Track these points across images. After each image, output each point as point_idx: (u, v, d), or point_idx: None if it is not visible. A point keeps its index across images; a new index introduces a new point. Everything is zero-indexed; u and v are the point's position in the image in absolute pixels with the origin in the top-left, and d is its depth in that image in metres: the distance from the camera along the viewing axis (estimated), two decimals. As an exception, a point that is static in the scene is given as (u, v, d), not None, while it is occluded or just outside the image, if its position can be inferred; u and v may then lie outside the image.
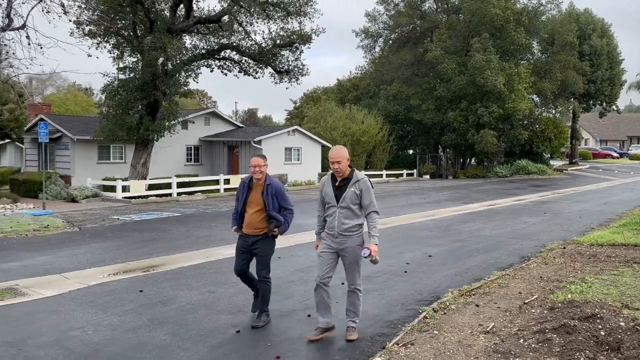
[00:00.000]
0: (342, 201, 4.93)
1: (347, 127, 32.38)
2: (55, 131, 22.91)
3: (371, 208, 4.96)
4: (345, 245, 4.96)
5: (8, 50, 12.91)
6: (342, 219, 4.93)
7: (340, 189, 4.98)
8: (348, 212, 4.93)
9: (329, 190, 5.05)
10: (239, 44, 22.38)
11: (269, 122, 71.89)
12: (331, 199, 5.00)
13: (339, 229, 4.93)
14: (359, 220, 4.99)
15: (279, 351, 4.76)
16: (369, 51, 44.31)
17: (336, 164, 4.95)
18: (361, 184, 4.96)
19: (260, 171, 5.50)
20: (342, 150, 5.00)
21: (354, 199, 4.92)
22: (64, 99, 48.39)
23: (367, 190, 4.96)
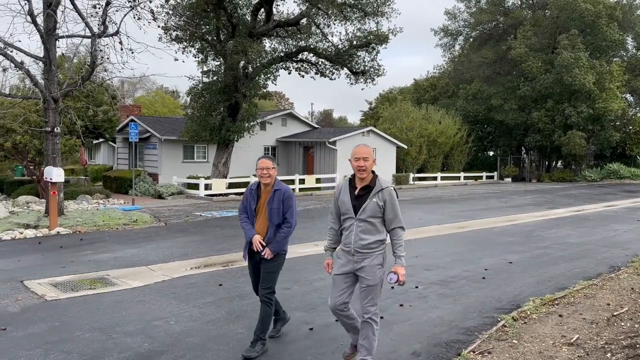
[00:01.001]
0: (362, 213, 4.12)
1: (424, 128, 31.80)
2: (145, 131, 24.36)
3: (396, 223, 4.16)
4: (362, 265, 4.17)
5: (103, 55, 13.86)
6: (360, 233, 4.13)
7: (360, 198, 4.17)
8: (368, 225, 4.12)
9: (346, 198, 4.22)
10: (316, 46, 22.64)
11: (344, 123, 72.16)
12: (348, 209, 4.19)
13: (356, 245, 4.15)
14: (381, 235, 4.18)
15: (351, 351, 4.76)
16: (447, 50, 43.34)
17: (362, 161, 4.11)
18: (385, 194, 4.13)
19: (268, 175, 4.78)
20: (369, 148, 4.25)
21: (376, 211, 4.11)
22: (153, 101, 51.33)
23: (392, 202, 4.14)
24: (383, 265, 4.21)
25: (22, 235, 11.41)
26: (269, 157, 4.88)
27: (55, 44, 13.54)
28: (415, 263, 8.66)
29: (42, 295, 6.66)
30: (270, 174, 4.78)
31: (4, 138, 16.44)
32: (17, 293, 6.78)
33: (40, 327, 5.46)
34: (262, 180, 4.82)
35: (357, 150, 4.21)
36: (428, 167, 32.93)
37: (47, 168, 13.05)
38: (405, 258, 4.16)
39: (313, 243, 10.56)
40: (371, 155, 4.19)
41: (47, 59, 13.41)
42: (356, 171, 4.19)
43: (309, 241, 10.81)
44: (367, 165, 4.13)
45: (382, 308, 6.08)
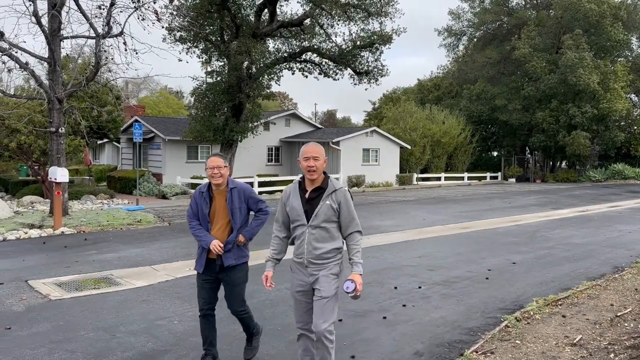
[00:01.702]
0: (314, 218, 3.68)
1: (427, 128, 31.77)
2: (149, 132, 24.43)
3: (353, 227, 3.75)
4: (317, 277, 3.71)
5: (107, 56, 13.92)
6: (314, 242, 3.69)
7: (312, 202, 3.72)
8: (322, 232, 3.69)
9: (296, 203, 3.75)
10: (319, 47, 22.65)
11: (347, 123, 72.17)
12: (299, 215, 3.73)
13: (310, 255, 3.70)
14: (336, 243, 3.76)
15: (354, 351, 4.78)
16: (451, 50, 43.30)
17: (312, 160, 3.68)
18: (339, 195, 3.72)
19: (220, 174, 4.28)
20: (319, 147, 3.79)
21: (330, 214, 3.69)
22: (157, 102, 51.45)
23: (348, 204, 3.74)
24: (339, 276, 3.78)
25: (27, 235, 11.47)
26: (220, 154, 4.40)
27: (59, 44, 13.60)
28: (418, 263, 8.66)
29: (47, 295, 6.70)
30: (222, 174, 4.30)
31: (9, 138, 16.53)
32: (22, 292, 6.82)
33: (45, 326, 5.49)
34: (212, 181, 4.31)
35: (307, 149, 3.76)
36: (432, 168, 32.88)
37: (52, 168, 13.11)
38: (362, 265, 3.70)
39: (316, 243, 10.56)
40: (322, 154, 3.76)
41: (51, 59, 13.47)
42: (305, 172, 3.75)
43: (312, 241, 10.80)
44: (317, 165, 3.70)
45: (385, 308, 6.10)
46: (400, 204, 19.36)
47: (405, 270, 8.16)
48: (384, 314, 5.90)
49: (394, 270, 8.16)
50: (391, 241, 10.88)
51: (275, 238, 3.94)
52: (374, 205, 18.57)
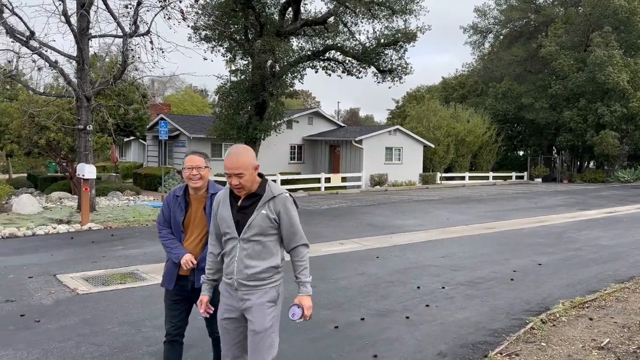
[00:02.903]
0: (247, 230, 2.99)
1: (452, 127, 31.45)
2: (174, 130, 24.75)
3: (298, 240, 3.08)
4: (248, 304, 3.00)
5: (134, 54, 14.14)
6: (246, 258, 2.98)
7: (245, 211, 3.04)
8: (256, 247, 3.00)
9: (226, 213, 3.08)
10: (343, 45, 22.62)
11: (370, 121, 71.91)
12: (229, 227, 3.04)
13: (240, 275, 2.98)
14: (274, 259, 3.05)
15: (376, 350, 4.77)
16: (477, 48, 42.76)
17: (234, 178, 2.98)
18: (278, 203, 3.03)
19: (199, 176, 3.57)
20: (244, 155, 3.01)
21: (267, 226, 3.00)
22: (182, 100, 52.09)
23: (289, 213, 3.05)
24: (277, 303, 3.07)
25: (55, 230, 11.74)
26: (200, 152, 3.70)
27: (88, 43, 13.87)
28: (441, 263, 8.59)
29: (74, 289, 6.85)
30: (202, 175, 3.58)
31: (39, 135, 16.93)
32: (51, 286, 6.99)
33: (72, 319, 5.61)
34: (190, 184, 3.59)
35: (227, 162, 3.02)
36: (456, 167, 32.54)
37: (80, 165, 13.39)
38: (311, 285, 3.07)
39: (338, 242, 10.57)
40: (248, 165, 2.99)
41: (80, 58, 13.74)
42: (232, 189, 3.08)
43: (334, 239, 10.82)
44: (242, 183, 2.99)
45: (408, 307, 6.07)
46: (424, 203, 19.21)
47: (429, 270, 8.10)
48: (406, 313, 5.86)
49: (416, 269, 8.11)
50: (414, 241, 10.81)
51: (210, 255, 3.21)
52: (397, 205, 18.47)
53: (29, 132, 16.87)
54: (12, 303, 6.17)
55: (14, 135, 17.36)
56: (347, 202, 19.50)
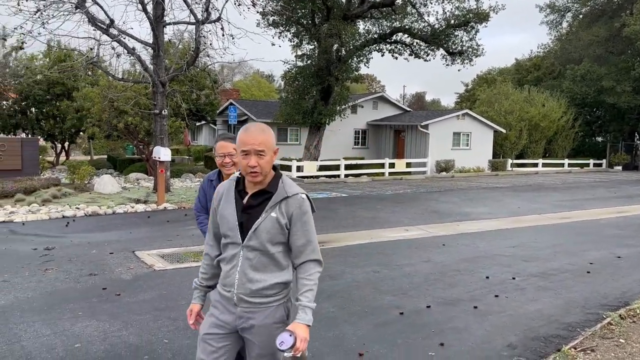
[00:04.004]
0: (253, 236, 2.42)
1: (525, 111, 30.12)
2: (242, 114, 25.36)
3: (309, 254, 2.48)
4: (251, 322, 2.46)
5: (206, 41, 14.56)
6: (250, 270, 2.44)
7: (251, 211, 2.46)
8: (262, 258, 2.44)
9: (228, 211, 2.50)
10: (411, 27, 22.16)
11: (437, 105, 70.24)
12: (231, 229, 2.47)
13: (242, 289, 2.44)
14: (283, 274, 2.50)
15: (443, 339, 4.71)
16: (554, 27, 40.51)
17: (253, 158, 2.38)
18: (292, 205, 2.46)
19: (232, 163, 3.44)
20: (267, 131, 2.44)
21: (277, 232, 2.43)
22: (249, 85, 53.17)
23: (303, 219, 2.47)
24: (287, 323, 2.50)
25: (134, 209, 12.42)
26: (231, 138, 3.48)
27: (162, 30, 14.42)
28: (512, 253, 8.32)
29: (151, 265, 7.24)
30: (235, 162, 3.41)
31: (118, 119, 17.86)
32: (130, 262, 7.42)
33: (150, 294, 5.95)
34: (224, 170, 3.48)
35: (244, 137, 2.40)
36: (528, 153, 31.22)
37: (156, 148, 14.03)
38: (313, 312, 2.42)
39: (403, 228, 10.48)
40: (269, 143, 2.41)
41: (155, 45, 14.32)
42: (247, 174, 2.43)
43: (399, 225, 10.74)
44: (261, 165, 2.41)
45: (476, 297, 5.94)
46: (493, 190, 18.62)
47: (498, 259, 7.87)
48: (474, 303, 5.75)
49: (486, 259, 7.91)
50: (483, 229, 10.53)
51: (207, 257, 2.66)
52: (464, 192, 18.02)
53: (109, 116, 17.84)
54: (95, 277, 6.61)
55: (95, 119, 18.42)
56: (411, 188, 19.25)
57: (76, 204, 12.54)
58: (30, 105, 24.32)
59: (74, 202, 12.87)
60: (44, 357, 4.18)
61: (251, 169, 2.39)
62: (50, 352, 4.25)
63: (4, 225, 10.16)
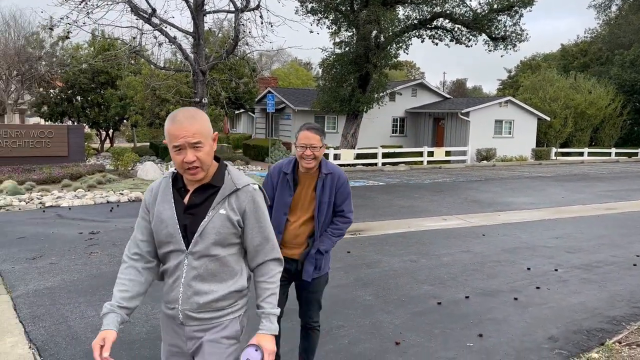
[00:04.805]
0: (199, 240, 2.03)
1: (570, 98, 29.10)
2: (280, 102, 25.46)
3: (268, 252, 2.14)
4: (198, 343, 2.09)
5: (245, 29, 14.65)
6: (196, 281, 2.04)
7: (194, 210, 2.06)
8: (211, 264, 2.05)
9: (167, 212, 2.07)
10: (452, 11, 21.66)
11: (478, 92, 68.64)
12: (171, 233, 2.05)
13: (188, 305, 2.05)
14: (237, 281, 2.10)
15: (481, 330, 4.64)
16: (602, 11, 38.88)
17: (190, 152, 1.98)
18: (244, 198, 2.08)
19: (313, 156, 3.11)
20: (200, 118, 2.02)
21: (227, 232, 2.05)
22: (287, 73, 53.29)
23: (257, 212, 2.10)
24: (239, 339, 2.13)
25: (174, 195, 12.68)
26: (316, 129, 3.18)
27: (203, 19, 14.59)
28: (555, 244, 8.10)
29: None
30: (317, 156, 3.12)
31: (159, 107, 18.28)
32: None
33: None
34: (302, 163, 3.13)
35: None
36: (573, 142, 30.20)
37: (195, 135, 14.27)
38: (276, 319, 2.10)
39: (441, 217, 10.35)
40: (204, 133, 2.01)
41: (196, 33, 14.51)
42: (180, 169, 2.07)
43: (437, 215, 10.61)
44: (200, 157, 1.99)
45: (517, 289, 5.82)
46: (536, 180, 18.13)
47: (540, 250, 7.68)
48: (515, 294, 5.63)
49: (527, 250, 7.72)
50: (525, 219, 10.28)
51: (129, 270, 2.15)
52: (506, 181, 17.61)
53: (151, 104, 18.27)
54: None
55: (138, 107, 18.91)
56: (451, 177, 18.95)
57: (120, 190, 12.93)
58: (75, 93, 25.18)
59: (117, 188, 13.28)
60: (89, 337, 4.35)
61: (189, 164, 1.97)
62: (94, 332, 4.41)
63: (52, 210, 10.58)
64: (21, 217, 9.77)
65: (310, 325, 3.48)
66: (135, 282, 2.13)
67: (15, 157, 15.83)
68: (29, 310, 4.96)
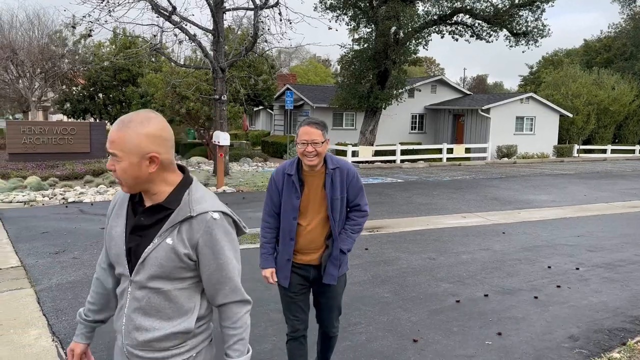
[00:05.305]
0: (141, 268, 1.71)
1: (593, 95, 28.55)
2: (298, 99, 25.50)
3: (228, 294, 1.78)
4: None
5: (264, 27, 14.69)
6: (138, 315, 1.74)
7: (142, 232, 1.74)
8: (154, 298, 1.73)
9: (117, 230, 1.80)
10: (472, 7, 21.42)
11: (499, 89, 67.79)
12: (118, 255, 1.78)
13: (128, 340, 1.76)
14: (185, 320, 1.75)
15: (500, 328, 4.61)
16: (627, 5, 38.00)
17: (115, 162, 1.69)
18: (198, 228, 1.71)
19: (315, 152, 2.88)
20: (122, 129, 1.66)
21: (173, 266, 1.70)
22: (306, 70, 53.32)
23: (216, 247, 1.73)
24: None
25: (194, 191, 12.82)
26: (317, 123, 2.93)
27: (222, 16, 14.68)
28: (576, 243, 7.98)
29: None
30: (319, 152, 2.89)
31: (180, 105, 18.44)
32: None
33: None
34: (305, 161, 2.92)
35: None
36: (596, 139, 29.66)
37: (216, 132, 14.40)
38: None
39: (461, 215, 10.27)
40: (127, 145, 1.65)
41: (215, 31, 14.61)
42: None
43: (456, 212, 10.53)
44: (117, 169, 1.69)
45: (537, 287, 5.76)
46: (557, 177, 17.86)
47: (561, 249, 7.58)
48: (535, 293, 5.57)
49: (548, 248, 7.63)
50: (545, 217, 10.15)
51: (97, 282, 1.97)
52: (527, 178, 17.39)
53: (172, 101, 18.44)
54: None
55: (159, 104, 19.10)
56: (470, 174, 18.77)
57: (141, 186, 13.11)
58: (97, 90, 25.56)
59: (138, 184, 13.46)
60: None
61: (114, 174, 1.72)
62: (117, 324, 4.48)
63: (74, 205, 10.78)
64: (45, 212, 9.98)
65: (331, 334, 3.32)
66: (101, 294, 1.95)
67: (39, 154, 16.15)
68: (52, 303, 5.07)
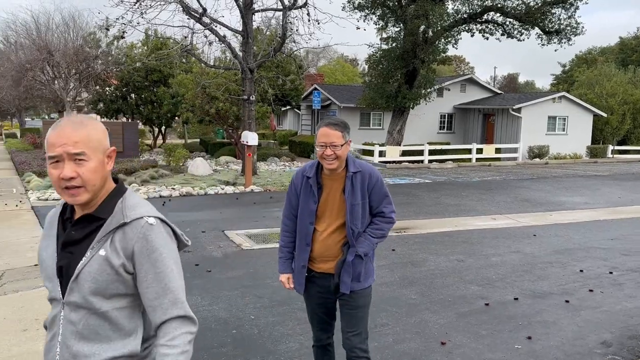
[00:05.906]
0: (75, 286, 1.55)
1: (629, 94, 27.74)
2: (326, 99, 25.54)
3: (168, 308, 1.57)
4: None
5: (292, 27, 14.78)
6: (74, 339, 1.56)
7: (74, 248, 1.58)
8: (91, 319, 1.56)
9: (47, 251, 1.63)
10: (503, 5, 21.08)
11: (530, 88, 66.47)
12: (49, 277, 1.61)
13: None
14: (128, 342, 1.60)
15: (530, 332, 4.55)
16: (667, 1, 36.77)
17: (67, 166, 1.52)
18: (132, 236, 1.56)
19: (335, 156, 2.71)
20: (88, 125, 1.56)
21: (108, 279, 1.55)
22: (334, 70, 53.31)
23: (152, 255, 1.56)
24: None
25: (223, 191, 13.01)
26: (336, 124, 2.75)
27: (251, 18, 14.83)
28: (610, 246, 7.79)
29: (239, 245, 7.58)
30: (339, 155, 2.71)
31: (209, 105, 18.70)
32: (220, 241, 7.82)
33: (238, 272, 6.25)
34: (325, 165, 2.76)
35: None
36: (631, 139, 28.82)
37: (244, 132, 14.55)
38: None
39: (491, 217, 10.13)
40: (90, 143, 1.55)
41: (244, 32, 14.77)
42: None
43: (486, 214, 10.40)
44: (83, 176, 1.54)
45: (569, 291, 5.66)
46: (591, 178, 17.44)
47: (594, 252, 7.41)
48: (566, 297, 5.47)
49: (580, 251, 7.47)
50: (578, 219, 9.93)
51: None
52: (559, 179, 17.03)
53: (202, 101, 18.72)
54: (189, 253, 7.05)
55: (189, 105, 19.41)
56: (500, 175, 18.49)
57: (172, 185, 13.35)
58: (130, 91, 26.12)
59: (169, 183, 13.72)
60: None
61: (66, 182, 1.51)
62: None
63: (109, 203, 11.05)
64: (80, 210, 10.26)
65: (353, 354, 2.86)
66: None
67: (74, 153, 16.60)
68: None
